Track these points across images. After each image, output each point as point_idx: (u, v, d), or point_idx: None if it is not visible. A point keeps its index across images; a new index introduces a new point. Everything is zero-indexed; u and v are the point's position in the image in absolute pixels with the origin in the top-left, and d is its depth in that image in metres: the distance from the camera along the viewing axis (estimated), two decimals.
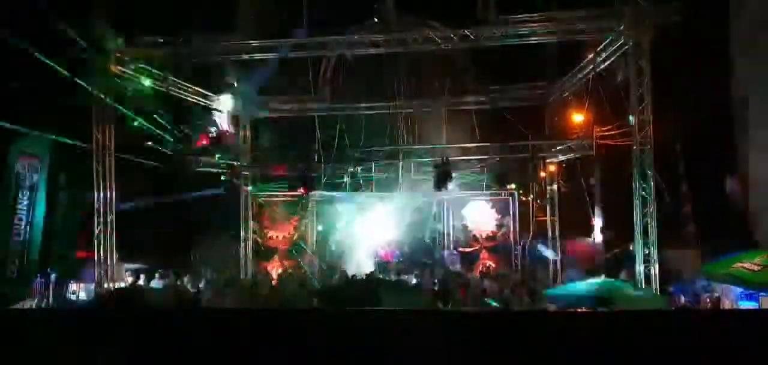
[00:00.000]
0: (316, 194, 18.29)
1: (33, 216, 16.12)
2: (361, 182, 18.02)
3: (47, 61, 12.32)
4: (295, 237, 19.50)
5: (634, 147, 12.70)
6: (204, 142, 15.70)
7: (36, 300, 14.25)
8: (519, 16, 13.06)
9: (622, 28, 12.60)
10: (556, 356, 3.75)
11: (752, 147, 13.72)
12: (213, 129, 16.09)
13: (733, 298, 12.00)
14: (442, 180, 16.01)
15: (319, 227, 19.51)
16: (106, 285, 14.04)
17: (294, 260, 18.99)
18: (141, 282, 15.65)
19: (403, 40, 13.79)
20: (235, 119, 18.44)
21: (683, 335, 3.82)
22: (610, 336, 3.80)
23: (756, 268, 11.00)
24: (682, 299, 12.88)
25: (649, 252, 12.49)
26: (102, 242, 14.11)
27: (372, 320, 4.38)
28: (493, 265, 18.40)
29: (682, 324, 4.25)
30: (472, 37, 13.33)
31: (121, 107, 13.92)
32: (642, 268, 12.52)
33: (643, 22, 12.27)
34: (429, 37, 13.56)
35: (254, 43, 13.85)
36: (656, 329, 3.90)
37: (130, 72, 14.18)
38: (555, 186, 17.70)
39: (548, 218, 17.78)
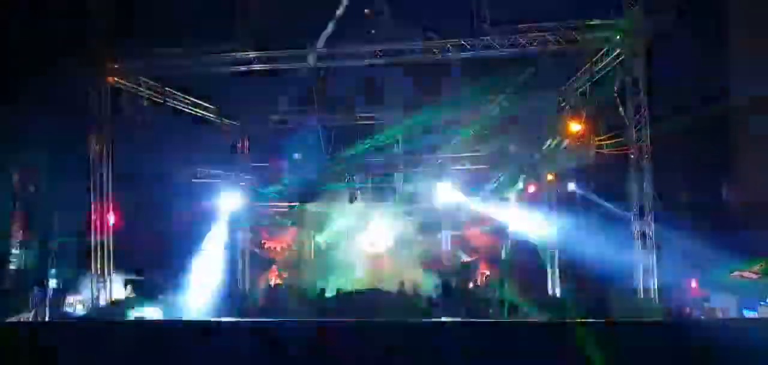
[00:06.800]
0: (314, 203, 18.31)
1: (30, 227, 16.05)
2: (358, 190, 18.03)
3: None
4: (293, 247, 19.50)
5: (632, 155, 12.72)
6: None
7: (33, 313, 14.16)
8: (515, 26, 13.10)
9: (618, 37, 12.66)
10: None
11: (751, 154, 13.74)
12: None
13: (733, 307, 11.98)
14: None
15: (317, 237, 19.51)
16: (103, 298, 13.98)
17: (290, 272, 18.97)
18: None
19: (400, 50, 13.84)
20: (233, 129, 18.50)
21: (683, 343, 3.81)
22: (611, 344, 3.78)
23: (755, 276, 11.02)
24: (685, 307, 12.85)
25: (648, 261, 12.47)
26: (99, 254, 14.05)
27: (369, 331, 4.35)
28: (491, 274, 18.37)
29: (683, 332, 4.24)
30: (468, 47, 13.38)
31: None
32: (641, 276, 12.50)
33: (639, 31, 12.32)
34: (426, 47, 13.61)
35: (253, 54, 13.87)
36: (657, 337, 3.88)
37: (128, 83, 14.25)
38: (554, 194, 17.71)
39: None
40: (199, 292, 16.54)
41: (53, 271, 15.55)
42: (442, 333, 4.38)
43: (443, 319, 12.22)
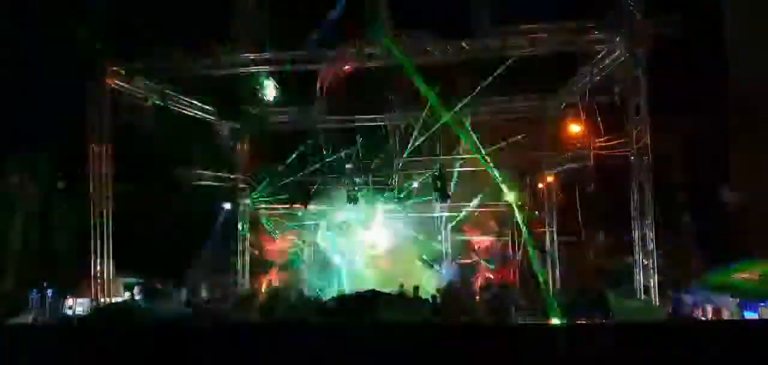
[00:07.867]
0: (314, 204, 18.30)
1: (29, 230, 16.06)
2: (358, 191, 18.02)
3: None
4: (292, 249, 19.47)
5: (632, 158, 12.71)
6: None
7: (32, 315, 14.15)
8: (515, 27, 13.08)
9: (618, 39, 12.65)
10: None
11: (750, 156, 13.73)
12: None
13: (733, 309, 11.97)
14: (441, 192, 16.10)
15: (317, 238, 19.50)
16: (102, 300, 13.97)
17: (290, 274, 18.94)
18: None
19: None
20: (234, 131, 18.48)
21: (684, 345, 3.80)
22: (611, 344, 3.78)
23: (755, 278, 11.02)
24: (685, 309, 12.83)
25: (648, 263, 12.46)
26: (98, 256, 14.05)
27: (369, 333, 4.35)
28: (493, 277, 18.36)
29: (683, 334, 4.23)
30: (467, 48, 13.37)
31: None
32: (641, 279, 12.49)
33: (639, 34, 12.32)
34: (425, 49, 13.60)
35: (251, 56, 13.86)
36: (657, 338, 3.87)
37: (127, 86, 14.27)
38: (553, 197, 17.72)
39: (546, 229, 17.78)
40: (199, 294, 16.55)
41: (52, 273, 15.58)
42: (442, 334, 4.37)
43: (443, 320, 12.22)
